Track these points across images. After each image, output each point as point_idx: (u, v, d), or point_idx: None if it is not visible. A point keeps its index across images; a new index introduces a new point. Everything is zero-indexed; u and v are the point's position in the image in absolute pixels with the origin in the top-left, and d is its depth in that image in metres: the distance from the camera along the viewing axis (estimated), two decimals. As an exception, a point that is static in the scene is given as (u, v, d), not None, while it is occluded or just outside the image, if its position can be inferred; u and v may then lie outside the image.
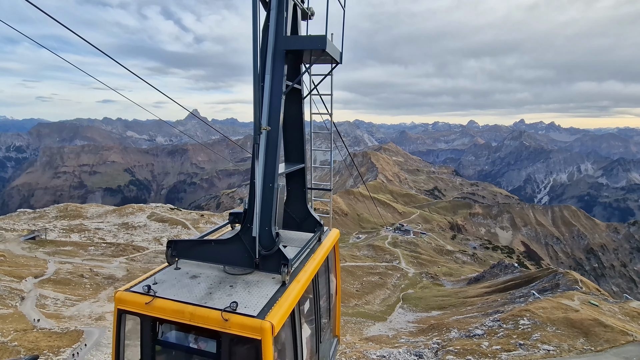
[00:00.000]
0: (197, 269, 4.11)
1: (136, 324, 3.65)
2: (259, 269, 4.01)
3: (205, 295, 3.53)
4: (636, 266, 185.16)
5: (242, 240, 4.01)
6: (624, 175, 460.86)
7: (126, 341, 3.72)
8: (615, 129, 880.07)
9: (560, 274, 57.45)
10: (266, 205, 3.98)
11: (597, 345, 26.32)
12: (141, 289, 3.63)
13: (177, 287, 3.69)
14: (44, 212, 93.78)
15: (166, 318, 3.44)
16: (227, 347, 3.23)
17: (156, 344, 3.60)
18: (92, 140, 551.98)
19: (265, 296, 3.51)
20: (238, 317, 3.20)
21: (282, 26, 4.08)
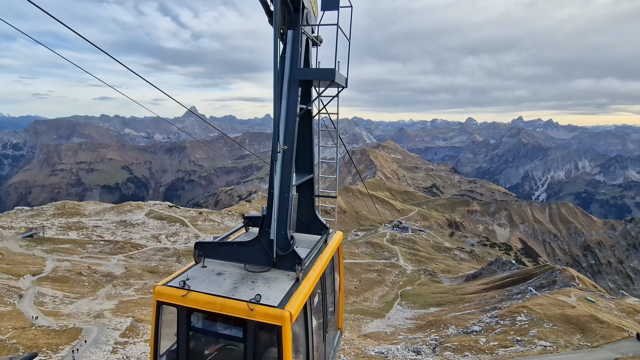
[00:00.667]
0: (221, 267, 4.67)
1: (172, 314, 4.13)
2: (275, 267, 4.57)
3: (232, 289, 4.08)
4: (632, 263, 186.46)
5: (261, 242, 4.57)
6: (621, 172, 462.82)
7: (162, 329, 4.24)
8: (612, 126, 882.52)
9: (557, 271, 57.79)
10: (282, 212, 4.58)
11: (593, 341, 26.53)
12: (177, 283, 4.21)
13: (207, 283, 4.26)
14: (41, 210, 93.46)
15: (200, 308, 3.98)
16: (252, 333, 3.78)
17: (190, 330, 4.07)
18: (89, 137, 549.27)
19: (283, 290, 4.09)
20: (262, 307, 3.77)
21: (297, 59, 4.72)
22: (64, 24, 4.76)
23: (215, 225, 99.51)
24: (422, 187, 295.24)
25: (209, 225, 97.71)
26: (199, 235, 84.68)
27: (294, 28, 4.71)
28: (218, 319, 4.04)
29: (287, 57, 4.67)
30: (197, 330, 4.16)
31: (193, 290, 4.06)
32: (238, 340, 3.94)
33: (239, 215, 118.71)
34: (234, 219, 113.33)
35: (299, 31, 4.72)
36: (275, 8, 4.26)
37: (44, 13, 4.36)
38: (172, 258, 68.42)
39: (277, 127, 4.49)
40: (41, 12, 4.27)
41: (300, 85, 4.78)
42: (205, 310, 3.99)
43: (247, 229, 5.94)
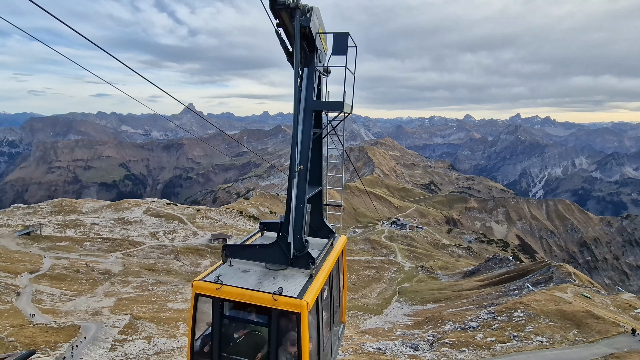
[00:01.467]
0: (246, 266, 5.39)
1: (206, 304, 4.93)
2: (292, 265, 5.31)
3: (257, 283, 4.86)
4: (628, 259, 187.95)
5: (280, 245, 5.33)
6: (618, 169, 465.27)
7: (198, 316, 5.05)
8: (609, 123, 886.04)
9: (553, 267, 58.18)
10: (298, 220, 5.30)
11: (589, 337, 26.78)
12: (211, 279, 4.96)
13: (236, 278, 5.00)
14: (38, 208, 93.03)
15: (232, 299, 4.78)
16: (275, 319, 4.57)
17: (223, 317, 4.88)
18: (86, 134, 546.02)
19: (300, 284, 4.87)
20: (284, 298, 4.54)
21: (311, 92, 5.55)
22: (60, 20, 4.72)
23: (213, 222, 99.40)
24: (420, 184, 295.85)
25: (207, 222, 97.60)
26: (197, 233, 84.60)
27: (309, 66, 5.53)
28: (246, 308, 4.85)
29: (302, 91, 5.47)
30: (228, 318, 4.95)
31: (225, 284, 4.83)
32: (263, 325, 4.75)
33: (237, 213, 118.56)
34: (231, 217, 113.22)
35: (313, 69, 5.58)
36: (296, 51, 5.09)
37: (38, 9, 4.35)
38: (170, 255, 68.36)
39: (295, 150, 5.33)
40: (36, 7, 4.26)
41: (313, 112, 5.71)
42: (236, 301, 4.79)
43: (262, 233, 6.66)
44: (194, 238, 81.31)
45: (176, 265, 64.43)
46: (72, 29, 4.94)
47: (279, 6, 4.78)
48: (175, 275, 58.72)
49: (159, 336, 33.94)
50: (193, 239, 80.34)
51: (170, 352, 31.55)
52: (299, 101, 5.30)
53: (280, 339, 4.63)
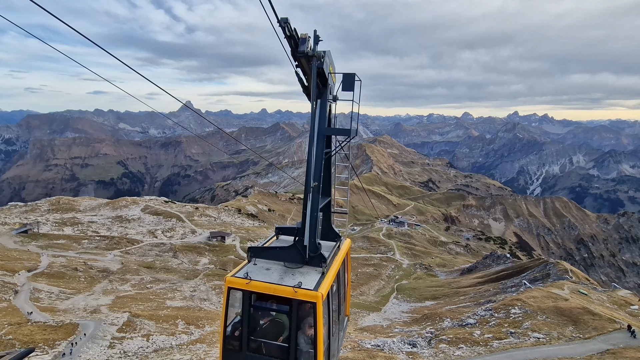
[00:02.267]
0: (267, 264, 6.20)
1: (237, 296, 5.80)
2: (307, 264, 6.12)
3: (279, 278, 5.70)
4: (625, 256, 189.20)
5: (297, 247, 6.15)
6: (615, 166, 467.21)
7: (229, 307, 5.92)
8: (607, 121, 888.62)
9: (551, 264, 58.51)
10: (312, 226, 6.11)
11: (585, 333, 26.98)
12: (241, 275, 5.79)
13: (261, 275, 5.80)
14: (35, 206, 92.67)
15: (259, 292, 5.58)
16: (295, 307, 5.38)
17: (251, 307, 5.68)
18: (83, 132, 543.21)
19: (314, 280, 5.72)
20: (302, 290, 5.37)
21: (324, 120, 6.47)
22: (57, 17, 4.69)
23: (211, 220, 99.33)
24: (418, 182, 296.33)
25: (206, 220, 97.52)
26: (195, 231, 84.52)
27: (322, 98, 6.38)
28: (270, 299, 5.66)
29: (316, 118, 6.31)
30: (256, 307, 5.73)
31: (253, 279, 5.66)
32: (285, 313, 5.57)
33: (235, 211, 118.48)
34: (230, 214, 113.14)
35: (325, 100, 6.45)
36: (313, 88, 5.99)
37: (34, 5, 4.32)
38: (168, 253, 68.30)
39: (310, 168, 6.15)
40: (31, 4, 4.23)
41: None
42: (262, 293, 5.61)
43: (277, 236, 7.44)
44: (192, 236, 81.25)
45: (174, 263, 64.38)
46: (68, 26, 4.91)
47: (299, 54, 5.67)
48: (173, 273, 58.71)
49: (158, 334, 33.97)
50: (191, 237, 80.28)
51: (169, 350, 31.59)
52: (314, 128, 6.27)
53: (299, 324, 5.49)
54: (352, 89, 6.45)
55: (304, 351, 5.45)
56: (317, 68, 5.81)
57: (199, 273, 58.95)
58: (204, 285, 52.80)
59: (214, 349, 32.27)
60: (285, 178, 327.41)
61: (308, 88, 6.16)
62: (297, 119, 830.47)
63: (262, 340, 5.63)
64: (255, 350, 5.65)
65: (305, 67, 5.94)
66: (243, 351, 5.67)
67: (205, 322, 39.31)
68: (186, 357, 29.86)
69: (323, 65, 5.88)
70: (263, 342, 5.63)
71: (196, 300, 47.27)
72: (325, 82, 6.27)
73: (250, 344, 5.66)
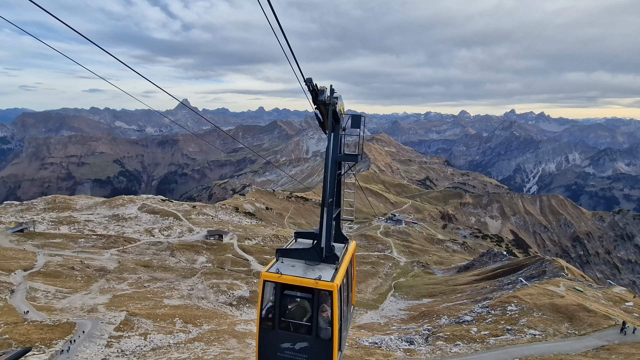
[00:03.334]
0: (292, 262, 7.51)
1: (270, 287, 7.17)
2: (323, 262, 7.43)
3: (303, 273, 7.03)
4: (620, 253, 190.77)
5: (316, 248, 7.49)
6: (610, 164, 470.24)
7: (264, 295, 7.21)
8: (603, 119, 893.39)
9: (547, 262, 58.89)
10: (328, 232, 7.42)
11: (580, 330, 27.22)
12: (274, 270, 7.13)
13: (288, 270, 7.16)
14: (31, 204, 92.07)
15: (288, 283, 6.90)
16: (317, 295, 6.72)
17: (282, 295, 6.98)
18: (79, 130, 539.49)
19: (330, 274, 7.03)
20: (322, 281, 6.70)
21: (336, 149, 7.67)
22: (51, 14, 4.64)
23: (209, 219, 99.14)
24: (415, 180, 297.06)
25: (203, 219, 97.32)
26: (192, 229, 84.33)
27: (335, 132, 7.59)
28: (296, 288, 6.96)
29: (330, 147, 7.51)
30: (285, 295, 7.03)
31: (283, 274, 6.99)
32: (308, 299, 6.89)
33: (233, 209, 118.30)
34: (227, 213, 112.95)
35: (338, 133, 7.75)
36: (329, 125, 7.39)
37: (27, 2, 4.27)
38: (165, 252, 68.13)
39: (326, 187, 7.38)
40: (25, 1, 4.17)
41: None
42: (291, 284, 6.93)
43: (296, 240, 8.91)
44: (189, 234, 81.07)
45: (172, 261, 64.24)
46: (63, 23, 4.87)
47: (319, 102, 7.08)
48: (171, 271, 58.59)
49: (155, 332, 33.91)
50: (189, 235, 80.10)
51: (167, 348, 31.56)
52: (329, 155, 7.54)
53: (319, 308, 6.85)
54: (359, 126, 8.17)
55: (323, 328, 6.89)
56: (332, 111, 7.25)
57: (196, 271, 58.87)
58: (201, 284, 52.75)
59: (211, 347, 32.28)
60: (282, 176, 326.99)
61: (324, 124, 7.60)
62: (294, 117, 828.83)
63: (291, 320, 7.06)
64: (285, 328, 7.08)
65: (322, 110, 7.28)
66: (275, 329, 7.09)
67: (203, 321, 39.30)
68: (184, 355, 29.85)
69: (336, 107, 7.30)
70: (291, 322, 7.06)
71: (194, 299, 47.23)
72: (337, 119, 7.64)
73: (281, 324, 7.08)
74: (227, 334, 35.66)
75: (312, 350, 6.89)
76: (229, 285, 53.43)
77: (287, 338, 7.00)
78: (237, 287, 53.27)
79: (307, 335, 6.90)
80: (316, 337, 6.84)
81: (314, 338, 6.85)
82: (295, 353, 6.94)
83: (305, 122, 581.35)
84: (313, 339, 6.87)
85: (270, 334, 7.08)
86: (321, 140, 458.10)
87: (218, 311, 44.83)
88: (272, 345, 7.09)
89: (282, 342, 7.01)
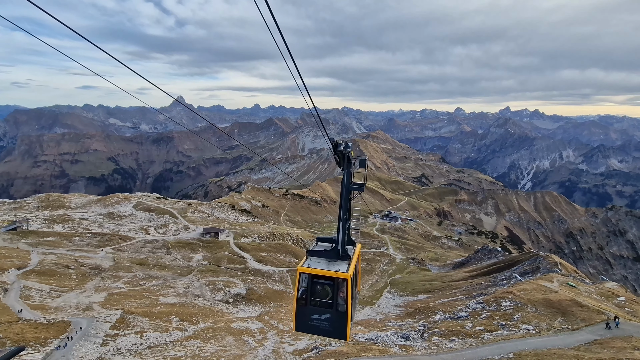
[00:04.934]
0: (318, 259, 9.81)
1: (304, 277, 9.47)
2: (340, 259, 9.72)
3: (327, 267, 9.33)
4: (612, 249, 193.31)
5: (334, 250, 9.81)
6: (604, 161, 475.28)
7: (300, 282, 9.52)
8: (596, 116, 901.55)
9: (541, 257, 59.51)
10: (343, 239, 9.78)
11: (573, 324, 27.59)
12: (306, 265, 9.45)
13: (316, 265, 9.50)
14: (24, 203, 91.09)
15: (316, 274, 9.20)
16: (336, 282, 9.06)
17: (312, 282, 9.29)
18: (72, 127, 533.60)
19: (345, 267, 9.35)
20: (340, 272, 9.05)
21: (349, 180, 9.88)
22: (43, 9, 4.57)
23: (204, 216, 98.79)
24: (411, 177, 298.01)
25: (199, 216, 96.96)
26: (188, 227, 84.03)
27: (347, 169, 9.77)
28: (322, 278, 9.33)
29: (344, 180, 9.79)
30: (315, 282, 9.41)
31: (313, 267, 9.42)
32: (330, 284, 9.27)
33: (229, 207, 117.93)
34: (223, 210, 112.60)
35: (350, 171, 9.83)
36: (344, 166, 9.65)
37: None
38: (161, 250, 67.84)
39: (341, 207, 9.81)
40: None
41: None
42: (318, 274, 9.31)
43: (317, 243, 11.03)
44: (185, 232, 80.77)
45: (168, 259, 64.00)
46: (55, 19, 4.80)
47: (338, 152, 9.43)
48: (167, 269, 58.38)
49: (152, 330, 33.83)
50: (184, 233, 79.81)
51: (163, 346, 31.52)
52: (344, 185, 9.80)
53: (338, 291, 9.29)
54: (364, 166, 10.93)
55: (340, 304, 9.36)
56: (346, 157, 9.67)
57: (192, 269, 58.73)
58: (197, 282, 52.64)
59: (208, 344, 32.28)
60: (278, 174, 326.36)
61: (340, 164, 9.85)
62: (290, 114, 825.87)
63: (318, 299, 9.50)
64: (314, 305, 9.54)
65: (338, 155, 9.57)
66: (307, 305, 9.54)
67: (199, 318, 39.26)
68: (180, 353, 29.83)
69: (349, 154, 9.73)
70: (318, 300, 9.50)
71: (190, 297, 47.15)
72: (350, 162, 9.93)
73: (311, 301, 9.53)
74: (224, 332, 35.69)
75: (333, 320, 9.42)
76: (225, 282, 53.39)
77: (315, 311, 9.50)
78: (234, 284, 53.26)
79: (329, 309, 9.41)
80: (336, 311, 9.38)
81: (335, 311, 9.39)
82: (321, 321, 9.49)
83: (301, 119, 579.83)
84: (334, 312, 9.40)
85: (304, 308, 9.55)
86: (317, 138, 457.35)
87: (214, 309, 44.81)
88: (305, 316, 9.59)
89: (312, 314, 9.53)
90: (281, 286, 58.38)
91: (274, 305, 49.23)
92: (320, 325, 9.36)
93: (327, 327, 9.33)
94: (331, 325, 9.27)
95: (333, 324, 9.27)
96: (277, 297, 52.05)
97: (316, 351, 27.19)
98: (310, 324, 9.43)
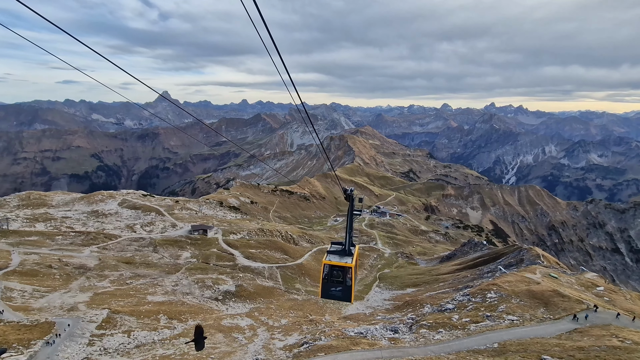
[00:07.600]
0: (334, 256, 13.95)
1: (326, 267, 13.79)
2: (347, 255, 13.88)
3: (339, 260, 13.79)
4: (592, 241, 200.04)
5: (344, 249, 14.03)
6: (584, 156, 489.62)
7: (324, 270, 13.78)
8: (577, 112, 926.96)
9: (524, 250, 61.16)
10: (349, 242, 13.95)
11: (555, 314, 28.54)
12: (328, 259, 13.79)
13: (333, 259, 13.80)
14: (4, 201, 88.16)
15: (334, 264, 13.68)
16: (345, 269, 13.67)
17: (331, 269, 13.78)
18: (53, 123, 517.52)
19: (350, 260, 13.71)
20: (348, 263, 13.59)
21: (352, 207, 13.38)
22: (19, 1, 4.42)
23: (192, 213, 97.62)
24: (399, 172, 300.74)
25: (187, 213, 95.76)
26: (176, 224, 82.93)
27: (352, 202, 13.15)
28: (337, 267, 13.54)
29: (350, 208, 13.30)
30: (332, 269, 13.59)
31: (332, 260, 13.55)
32: (342, 271, 13.50)
33: (217, 203, 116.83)
34: (211, 207, 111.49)
35: (352, 203, 13.16)
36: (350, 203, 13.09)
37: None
38: (148, 248, 66.83)
39: (347, 225, 13.92)
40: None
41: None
42: (335, 265, 13.50)
43: (331, 245, 14.67)
44: (173, 230, 79.70)
45: (155, 257, 63.11)
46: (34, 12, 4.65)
47: (346, 196, 12.94)
48: (154, 267, 57.58)
49: (139, 329, 33.42)
50: (172, 231, 78.75)
51: (152, 345, 31.18)
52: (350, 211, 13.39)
53: (346, 274, 13.37)
54: (361, 201, 15.72)
55: (347, 282, 13.48)
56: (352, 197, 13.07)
57: (180, 267, 58.08)
58: (186, 279, 52.14)
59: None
60: (267, 170, 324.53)
61: (347, 199, 13.14)
62: (278, 109, 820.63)
63: (334, 278, 13.54)
64: (331, 282, 13.64)
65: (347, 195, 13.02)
66: (328, 282, 13.62)
67: (188, 316, 38.96)
68: (169, 351, 29.58)
69: (353, 196, 13.17)
70: (335, 279, 13.56)
71: (178, 295, 46.69)
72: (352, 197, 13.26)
73: (330, 280, 13.60)
74: (213, 329, 35.51)
75: (343, 290, 13.70)
76: (215, 280, 53.04)
77: (333, 285, 13.74)
78: (223, 281, 52.95)
79: (341, 284, 13.64)
80: (345, 285, 13.61)
81: (344, 285, 13.62)
82: (336, 292, 13.75)
83: (290, 115, 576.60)
84: (344, 286, 13.64)
85: (326, 284, 13.76)
86: (306, 134, 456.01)
87: (204, 306, 44.52)
88: (327, 288, 13.82)
89: (331, 287, 13.78)
90: (271, 282, 58.32)
91: (264, 301, 49.20)
92: (335, 294, 13.91)
93: (339, 295, 13.87)
94: (342, 293, 13.83)
95: (343, 293, 13.85)
96: (266, 294, 52.01)
97: (306, 346, 27.36)
98: (330, 292, 14.04)
